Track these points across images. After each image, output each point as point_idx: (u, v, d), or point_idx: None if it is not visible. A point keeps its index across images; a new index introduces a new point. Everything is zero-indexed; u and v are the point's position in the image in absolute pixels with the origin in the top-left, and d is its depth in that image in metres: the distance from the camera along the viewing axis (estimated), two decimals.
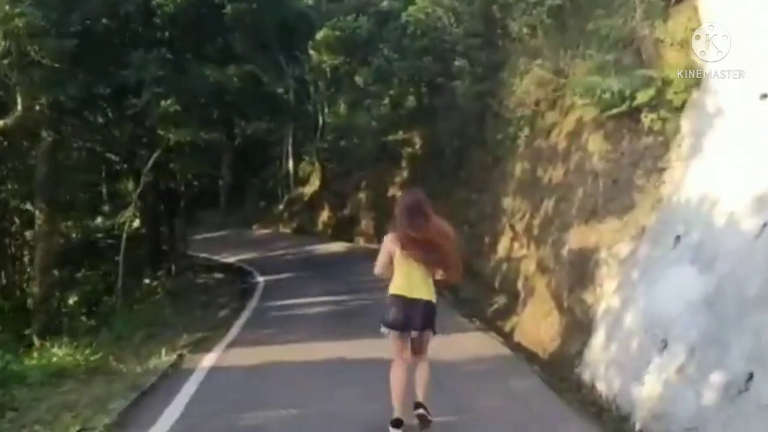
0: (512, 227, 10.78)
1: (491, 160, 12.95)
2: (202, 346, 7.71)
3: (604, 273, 6.80)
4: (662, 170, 6.72)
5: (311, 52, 19.92)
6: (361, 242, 21.25)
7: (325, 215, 24.59)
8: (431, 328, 4.94)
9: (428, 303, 4.88)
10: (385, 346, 4.99)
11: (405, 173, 19.70)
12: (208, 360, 7.04)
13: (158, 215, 13.93)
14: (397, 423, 4.68)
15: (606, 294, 6.59)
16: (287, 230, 26.54)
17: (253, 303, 11.08)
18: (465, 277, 13.78)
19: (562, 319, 7.54)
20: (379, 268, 5.10)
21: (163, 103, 9.63)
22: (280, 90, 27.79)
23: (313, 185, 26.61)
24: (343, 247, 20.06)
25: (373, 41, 18.59)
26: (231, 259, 19.61)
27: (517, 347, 7.93)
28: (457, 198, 14.92)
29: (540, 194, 9.65)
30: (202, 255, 21.54)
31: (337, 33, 19.39)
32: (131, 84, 9.74)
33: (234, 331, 8.46)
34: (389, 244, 5.06)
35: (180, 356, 7.14)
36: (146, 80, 9.66)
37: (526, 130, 11.05)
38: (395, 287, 4.92)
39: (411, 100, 19.99)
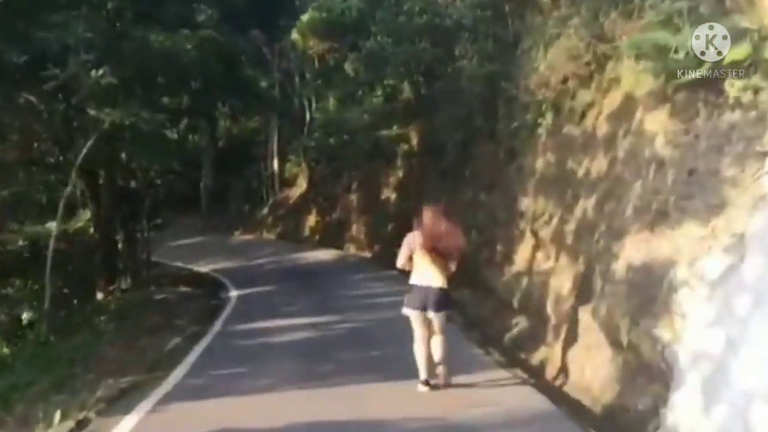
0: (534, 233, 8.92)
1: (503, 154, 11.10)
2: (124, 401, 5.75)
3: (686, 298, 4.92)
4: (763, 156, 4.87)
5: (296, 36, 18.01)
6: (351, 249, 19.36)
7: (312, 220, 22.68)
8: (446, 310, 6.29)
9: (442, 290, 6.16)
10: (386, 399, 5.60)
11: (400, 173, 17.84)
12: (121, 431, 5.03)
13: (114, 219, 11.98)
14: (425, 382, 6.09)
15: (693, 329, 4.71)
16: (271, 236, 24.61)
17: (217, 326, 9.16)
18: (472, 291, 11.99)
19: (618, 358, 5.66)
20: (401, 262, 6.33)
21: (93, 74, 7.66)
22: (264, 84, 26.07)
23: (299, 187, 24.72)
24: (332, 255, 18.17)
25: (364, 23, 16.71)
26: (205, 269, 17.69)
27: (554, 393, 6.03)
28: (461, 199, 13.07)
29: (573, 192, 7.81)
30: (175, 264, 19.64)
31: (324, 15, 17.49)
32: (54, 50, 7.75)
33: (179, 372, 6.43)
34: (411, 242, 6.24)
35: (80, 424, 5.12)
36: (72, 45, 7.65)
37: (550, 116, 9.23)
38: (416, 278, 6.14)
39: (407, 91, 18.13)
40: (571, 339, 6.67)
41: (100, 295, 11.99)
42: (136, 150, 9.96)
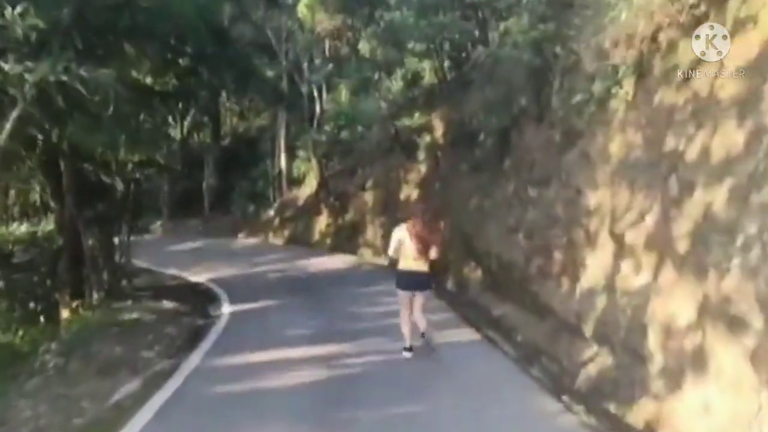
0: (615, 237, 6.77)
1: (560, 138, 8.96)
2: None
3: None
4: None
5: (303, 11, 15.94)
6: (367, 256, 17.26)
7: (322, 222, 20.58)
8: (428, 289, 7.90)
9: (426, 273, 7.64)
10: None
11: (423, 168, 15.70)
12: None
13: (79, 220, 9.91)
14: (409, 348, 7.45)
15: None
16: (278, 240, 22.56)
17: (195, 359, 7.08)
18: (518, 308, 9.81)
19: None
20: (392, 252, 7.80)
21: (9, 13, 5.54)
22: (271, 73, 24.05)
23: (308, 186, 22.63)
24: (345, 262, 16.09)
25: None
26: (200, 278, 15.66)
27: None
28: (500, 196, 10.93)
29: (681, 180, 5.66)
30: (168, 272, 17.66)
31: None
32: None
33: None
34: (401, 234, 7.75)
35: None
36: None
37: (630, 83, 7.12)
38: (405, 264, 7.60)
39: (430, 74, 16.03)
40: (702, 393, 4.52)
41: (66, 313, 9.96)
42: (79, 129, 7.79)
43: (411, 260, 7.48)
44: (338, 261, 16.56)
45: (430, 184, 15.16)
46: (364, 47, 16.49)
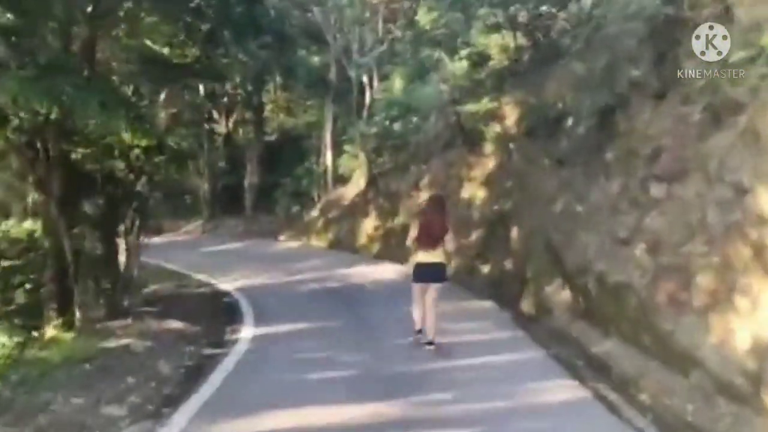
0: None
1: (702, 116, 6.47)
2: None
3: None
4: None
5: None
6: None
7: (370, 225, 18.32)
8: (443, 281, 7.76)
9: (441, 264, 7.75)
10: None
11: (491, 163, 13.28)
12: None
13: (61, 218, 7.81)
14: (419, 331, 7.66)
15: None
16: (321, 243, 20.42)
17: (177, 425, 4.87)
18: (635, 349, 7.22)
19: None
20: (411, 242, 8.04)
21: None
22: (317, 59, 22.03)
23: (356, 185, 20.43)
24: (395, 272, 13.81)
25: None
26: (229, 285, 13.66)
27: None
28: (601, 196, 8.48)
29: None
30: (198, 277, 15.79)
31: None
32: None
33: None
34: (418, 227, 7.85)
35: None
36: None
37: None
38: (418, 257, 7.78)
39: (501, 54, 13.60)
40: None
41: (51, 332, 7.95)
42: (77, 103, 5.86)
43: (422, 252, 7.68)
44: (387, 270, 14.27)
45: (500, 182, 12.74)
46: (423, 18, 14.15)
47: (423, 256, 7.66)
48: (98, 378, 5.79)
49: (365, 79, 19.91)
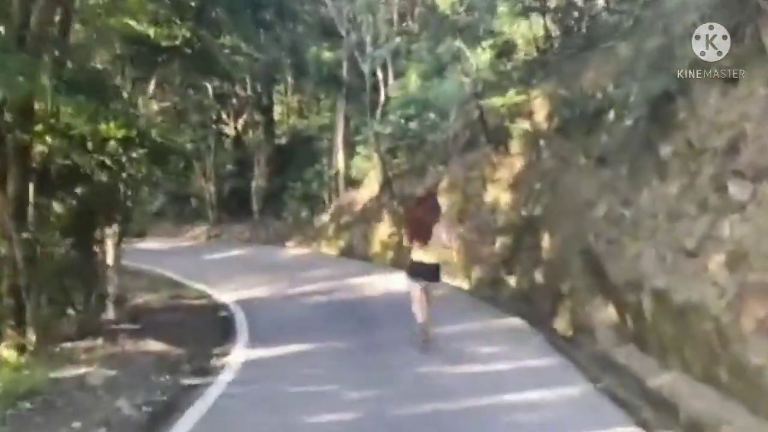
0: None
1: None
2: None
3: None
4: None
5: None
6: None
7: (384, 231, 17.08)
8: (436, 281, 8.08)
9: (432, 264, 7.90)
10: None
11: (518, 163, 12.03)
12: None
13: (7, 218, 6.59)
14: (423, 325, 7.76)
15: None
16: (331, 250, 19.22)
17: None
18: (699, 382, 5.83)
19: None
20: (407, 242, 8.20)
21: None
22: (329, 54, 20.88)
23: (369, 188, 19.22)
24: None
25: None
26: (227, 297, 12.55)
27: None
28: (655, 199, 7.19)
29: None
30: (197, 287, 14.73)
31: None
32: None
33: None
34: (407, 225, 8.38)
35: None
36: None
37: None
38: (416, 256, 7.88)
39: (529, 43, 12.35)
40: None
41: (6, 353, 6.76)
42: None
43: (416, 251, 7.85)
44: (402, 281, 12.98)
45: (528, 184, 11.46)
46: (443, 2, 12.92)
47: (418, 255, 7.82)
48: (34, 423, 4.61)
49: (379, 75, 18.70)
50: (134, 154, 7.79)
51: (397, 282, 12.98)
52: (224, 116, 30.19)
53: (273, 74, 22.20)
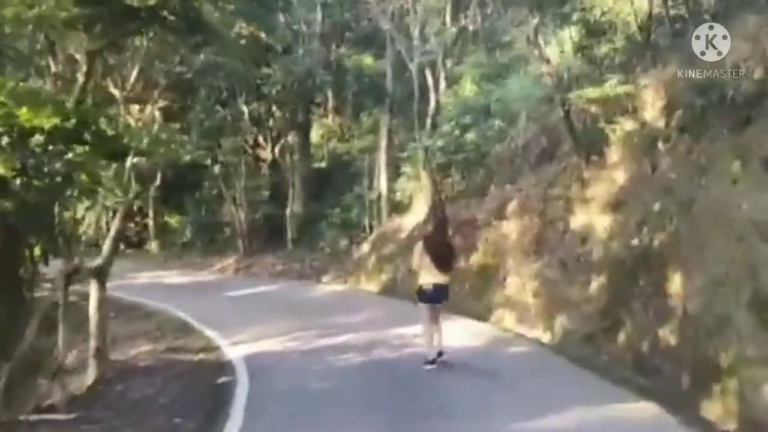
0: None
1: None
2: None
3: None
4: None
5: None
6: (507, 321, 10.79)
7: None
8: (446, 300, 8.23)
9: (446, 285, 8.14)
10: None
11: (621, 175, 8.96)
12: None
13: None
14: (431, 361, 7.87)
15: None
16: (372, 286, 16.33)
17: None
18: None
19: None
20: (417, 267, 8.10)
21: None
22: (371, 59, 18.28)
23: (416, 213, 16.32)
24: (473, 334, 9.74)
25: None
26: (238, 351, 9.99)
27: None
28: None
29: None
30: (207, 333, 12.11)
31: None
32: None
33: None
34: (423, 251, 8.07)
35: None
36: None
37: None
38: (426, 279, 7.97)
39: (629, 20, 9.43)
40: None
41: None
42: None
43: (432, 274, 7.89)
44: (460, 331, 10.02)
45: (639, 203, 8.39)
46: None
47: (431, 277, 7.89)
48: None
49: (429, 79, 15.92)
50: (71, 154, 5.16)
51: (454, 333, 10.03)
52: (261, 140, 28.19)
53: (306, 84, 19.66)
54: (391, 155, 18.60)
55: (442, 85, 15.84)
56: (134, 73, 8.70)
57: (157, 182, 29.14)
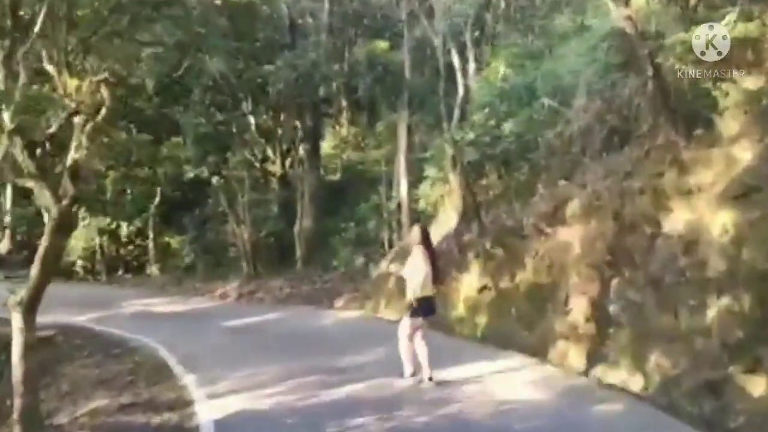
0: None
1: None
2: None
3: None
4: None
5: None
6: (574, 360, 8.02)
7: (470, 284, 11.45)
8: (434, 313, 7.82)
9: (434, 297, 7.78)
10: None
11: (742, 153, 6.23)
12: None
13: None
14: (412, 374, 7.53)
15: None
16: (391, 313, 13.58)
17: None
18: None
19: None
20: (419, 279, 7.48)
21: None
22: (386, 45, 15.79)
23: (444, 222, 13.67)
24: (537, 382, 6.98)
25: None
26: (214, 410, 7.30)
27: None
28: None
29: None
30: (183, 380, 9.56)
31: None
32: None
33: None
34: (424, 258, 7.60)
35: None
36: None
37: None
38: (424, 291, 7.50)
39: None
40: None
41: None
42: None
43: (428, 287, 7.52)
44: (516, 377, 7.33)
45: None
46: None
47: (428, 290, 7.53)
48: None
49: (455, 60, 13.34)
50: None
51: (520, 383, 7.32)
52: (270, 152, 25.99)
53: (312, 80, 17.25)
54: (411, 158, 16.02)
55: (472, 67, 13.29)
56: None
57: (157, 200, 27.38)
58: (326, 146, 27.50)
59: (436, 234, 14.08)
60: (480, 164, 12.41)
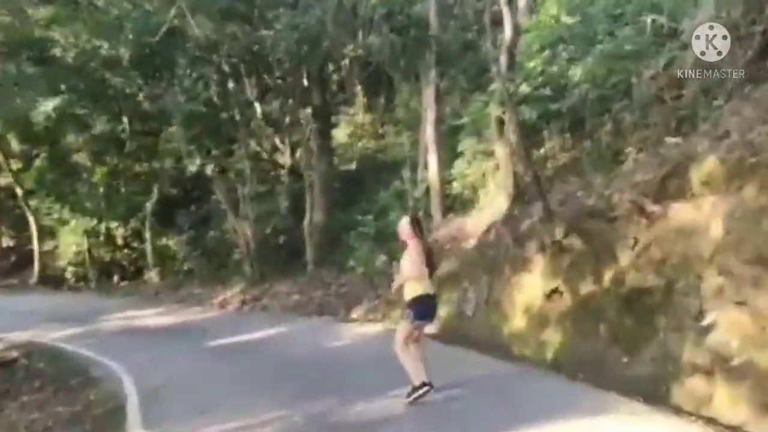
0: None
1: None
2: None
3: None
4: None
5: None
6: (720, 405, 4.94)
7: (532, 286, 8.49)
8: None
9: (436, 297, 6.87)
10: None
11: None
12: None
13: None
14: (429, 383, 6.34)
15: None
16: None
17: None
18: None
19: None
20: (418, 275, 6.42)
21: None
22: None
23: (485, 208, 10.66)
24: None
25: None
26: None
27: None
28: None
29: None
30: None
31: None
32: None
33: None
34: (420, 251, 6.52)
35: None
36: None
37: None
38: (423, 288, 6.45)
39: None
40: None
41: None
42: None
43: (427, 283, 6.54)
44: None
45: None
46: None
47: (424, 287, 6.46)
48: None
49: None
50: None
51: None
52: (278, 143, 23.58)
53: (317, 47, 14.35)
54: (442, 131, 13.01)
55: (522, 2, 10.29)
56: None
57: (154, 198, 24.78)
58: (341, 135, 24.84)
59: (479, 223, 11.11)
60: (534, 129, 9.35)
